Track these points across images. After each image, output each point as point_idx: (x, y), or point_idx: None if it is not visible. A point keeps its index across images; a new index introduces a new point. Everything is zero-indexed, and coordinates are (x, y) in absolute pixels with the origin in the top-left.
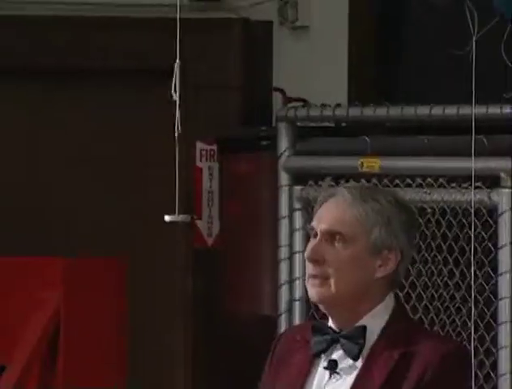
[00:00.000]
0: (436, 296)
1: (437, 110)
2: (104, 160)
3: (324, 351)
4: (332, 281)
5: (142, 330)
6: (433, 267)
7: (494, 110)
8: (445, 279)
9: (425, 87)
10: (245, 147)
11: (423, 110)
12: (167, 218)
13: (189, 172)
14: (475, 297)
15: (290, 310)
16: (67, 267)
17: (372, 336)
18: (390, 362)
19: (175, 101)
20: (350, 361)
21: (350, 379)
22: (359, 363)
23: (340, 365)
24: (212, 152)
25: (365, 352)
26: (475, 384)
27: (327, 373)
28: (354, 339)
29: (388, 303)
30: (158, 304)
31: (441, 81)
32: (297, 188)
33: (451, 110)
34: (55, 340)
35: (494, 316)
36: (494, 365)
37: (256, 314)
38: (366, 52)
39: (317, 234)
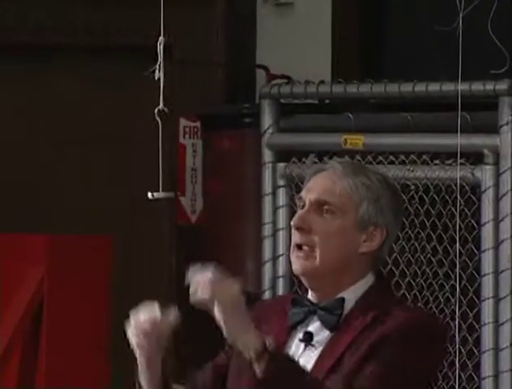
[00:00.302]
0: (419, 272)
1: (421, 87)
2: (90, 137)
3: (300, 322)
4: (317, 252)
5: (126, 306)
6: (416, 244)
7: (477, 87)
8: (429, 255)
9: (411, 64)
10: (228, 124)
11: (406, 87)
12: (150, 195)
13: (172, 149)
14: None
15: (274, 287)
16: (51, 244)
17: (348, 308)
18: (359, 328)
19: (159, 78)
20: (326, 333)
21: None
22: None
23: (316, 338)
24: (196, 129)
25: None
26: (458, 360)
27: (303, 345)
28: (332, 311)
29: (368, 280)
30: (142, 280)
31: (428, 58)
32: (281, 165)
33: (434, 87)
34: (39, 316)
35: (477, 293)
36: (477, 342)
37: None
38: (350, 28)
39: (305, 205)
